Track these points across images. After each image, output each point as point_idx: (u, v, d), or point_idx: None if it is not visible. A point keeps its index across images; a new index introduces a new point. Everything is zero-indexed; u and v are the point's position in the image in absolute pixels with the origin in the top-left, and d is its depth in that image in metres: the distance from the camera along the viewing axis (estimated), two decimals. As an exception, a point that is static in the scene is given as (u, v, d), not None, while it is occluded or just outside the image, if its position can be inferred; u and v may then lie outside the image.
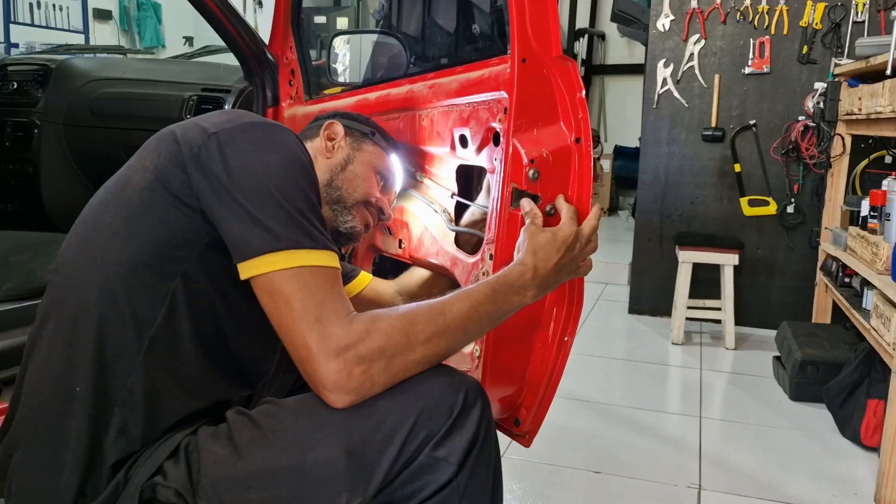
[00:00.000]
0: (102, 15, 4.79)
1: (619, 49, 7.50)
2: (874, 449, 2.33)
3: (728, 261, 3.37)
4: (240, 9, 5.52)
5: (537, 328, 1.26)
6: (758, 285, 3.69)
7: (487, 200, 1.44)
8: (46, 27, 4.36)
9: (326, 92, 2.01)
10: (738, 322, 3.45)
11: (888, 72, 2.05)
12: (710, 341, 3.53)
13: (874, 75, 2.67)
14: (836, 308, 3.10)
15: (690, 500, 2.02)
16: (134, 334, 0.96)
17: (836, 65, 3.02)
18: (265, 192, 0.95)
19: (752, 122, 3.60)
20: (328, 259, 0.96)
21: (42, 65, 2.24)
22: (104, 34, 4.80)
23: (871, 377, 2.41)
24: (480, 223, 1.42)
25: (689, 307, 3.44)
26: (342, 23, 5.57)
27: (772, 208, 3.60)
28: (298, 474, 0.92)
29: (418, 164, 1.49)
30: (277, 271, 0.92)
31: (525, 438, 1.29)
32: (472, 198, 1.46)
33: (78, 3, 4.53)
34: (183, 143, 0.98)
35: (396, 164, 1.37)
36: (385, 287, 1.55)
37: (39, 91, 2.18)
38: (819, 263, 3.17)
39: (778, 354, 3.02)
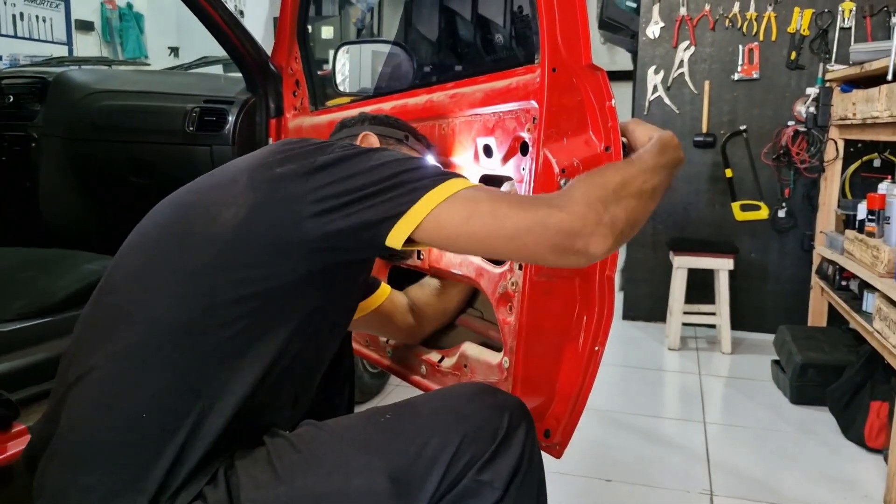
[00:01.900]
0: (85, 26, 4.73)
1: (601, 56, 7.54)
2: (879, 451, 2.34)
3: (723, 265, 3.39)
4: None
5: (567, 338, 1.25)
6: (751, 289, 3.71)
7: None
8: (30, 39, 4.30)
9: (331, 102, 1.99)
10: (732, 326, 3.47)
11: (889, 77, 2.07)
12: (707, 346, 3.54)
13: (866, 80, 2.71)
14: (832, 311, 3.13)
15: (703, 506, 2.03)
16: (214, 365, 0.94)
17: (828, 70, 3.06)
18: (389, 166, 0.97)
19: (742, 127, 3.63)
20: (465, 181, 0.97)
21: (38, 78, 2.20)
22: (87, 45, 4.73)
23: (873, 379, 2.43)
24: None
25: (684, 312, 3.46)
26: (327, 32, 5.55)
27: (763, 213, 3.62)
28: (342, 501, 0.90)
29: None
30: (450, 197, 0.93)
31: (556, 450, 1.28)
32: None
33: (61, 15, 4.47)
34: (288, 179, 0.97)
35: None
36: (400, 299, 1.53)
37: (37, 104, 2.15)
38: (814, 267, 3.19)
39: (776, 358, 3.03)
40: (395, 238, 0.94)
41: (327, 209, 0.95)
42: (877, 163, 3.43)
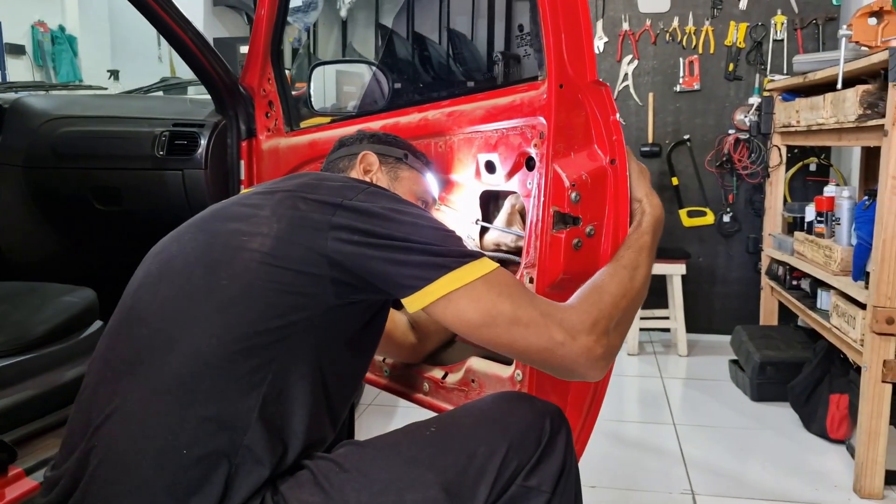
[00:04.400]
0: (15, 50, 4.56)
1: (534, 70, 7.69)
2: (841, 441, 2.45)
3: (676, 270, 3.50)
4: (154, 41, 5.31)
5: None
6: (701, 293, 3.84)
7: (505, 224, 1.46)
8: (-41, 64, 4.12)
9: (307, 123, 1.98)
10: (686, 329, 3.58)
11: (839, 86, 2.19)
12: (663, 350, 3.64)
13: (807, 89, 2.85)
14: (782, 309, 3.26)
15: (687, 505, 2.08)
16: (254, 397, 0.92)
17: (770, 80, 3.20)
18: (416, 228, 0.98)
19: (686, 136, 3.77)
20: (490, 263, 0.99)
21: (-9, 106, 2.11)
22: (18, 69, 4.56)
23: (831, 373, 2.55)
24: (503, 246, 1.44)
25: (640, 318, 3.55)
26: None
27: (709, 218, 3.76)
28: None
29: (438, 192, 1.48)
30: (468, 284, 0.94)
31: (570, 460, 1.29)
32: (488, 222, 1.47)
33: (-9, 39, 4.31)
34: (312, 210, 0.99)
35: (432, 183, 1.37)
36: (400, 317, 1.53)
37: (-9, 133, 2.06)
38: (763, 269, 3.32)
39: (734, 358, 3.14)
40: (411, 304, 0.97)
41: (350, 241, 0.96)
42: (813, 167, 3.62)
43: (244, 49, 5.04)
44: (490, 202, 1.50)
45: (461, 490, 0.92)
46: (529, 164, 1.24)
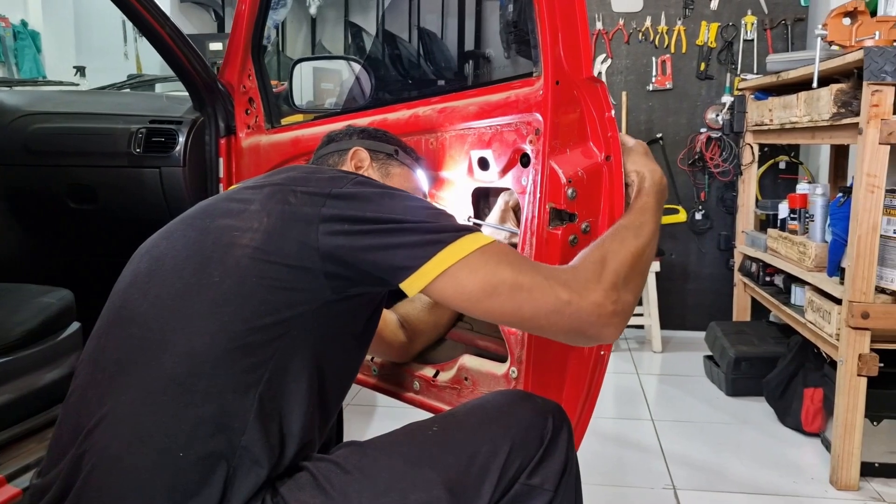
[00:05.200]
0: (-25, 45, 4.44)
1: (505, 69, 7.71)
2: (816, 435, 2.50)
3: (651, 268, 3.53)
4: (120, 37, 5.24)
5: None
6: (674, 289, 3.88)
7: (499, 221, 1.45)
8: (-83, 60, 3.99)
9: (288, 120, 1.95)
10: (660, 326, 3.61)
11: (815, 84, 2.23)
12: (638, 346, 3.67)
13: (779, 88, 2.89)
14: (754, 305, 3.31)
15: (669, 501, 2.09)
16: (251, 396, 0.90)
17: (742, 80, 3.25)
18: (405, 209, 0.96)
19: (658, 135, 3.81)
20: (485, 235, 0.97)
21: (-40, 101, 2.05)
22: (-23, 66, 4.44)
23: (805, 368, 2.58)
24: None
25: (616, 315, 3.57)
26: (215, 45, 5.40)
27: (682, 216, 3.80)
28: None
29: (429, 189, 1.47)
30: (465, 257, 0.92)
31: (564, 457, 1.29)
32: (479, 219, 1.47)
33: (-50, 34, 4.18)
34: (302, 204, 0.96)
35: (423, 179, 1.36)
36: (390, 316, 1.52)
37: (-40, 130, 1.99)
38: (736, 265, 3.37)
39: (708, 354, 3.18)
40: (410, 288, 0.95)
41: (341, 232, 0.94)
42: (782, 165, 3.69)
43: (213, 45, 4.97)
44: (481, 199, 1.50)
45: (465, 490, 0.91)
46: (524, 160, 1.24)
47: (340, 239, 0.94)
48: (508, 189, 1.35)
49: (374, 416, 2.65)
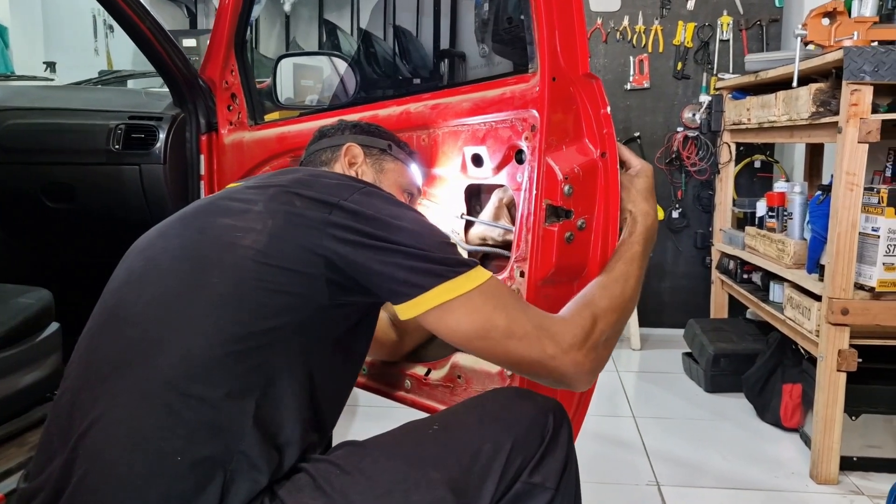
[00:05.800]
0: (-60, 40, 4.32)
1: (480, 69, 7.72)
2: (795, 430, 2.53)
3: (629, 266, 3.54)
4: (90, 33, 5.16)
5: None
6: (651, 287, 3.90)
7: (492, 218, 1.44)
8: None
9: (271, 116, 1.92)
10: (638, 323, 3.64)
11: (794, 84, 2.25)
12: (616, 344, 3.68)
13: (756, 88, 2.93)
14: (731, 303, 3.34)
15: (654, 497, 2.10)
16: (249, 400, 0.89)
17: (719, 79, 3.28)
18: (412, 234, 0.96)
19: (636, 134, 3.82)
20: (485, 272, 0.98)
21: (-69, 98, 1.99)
22: (-57, 61, 4.32)
23: (784, 364, 2.62)
24: (490, 240, 1.43)
25: (595, 313, 3.58)
26: (189, 42, 5.33)
27: (659, 214, 3.81)
28: None
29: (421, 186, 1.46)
30: (463, 295, 0.94)
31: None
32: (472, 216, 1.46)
33: (-85, 28, 4.06)
34: (307, 208, 0.96)
35: (417, 174, 1.35)
36: (381, 315, 1.50)
37: (-68, 127, 1.93)
38: (714, 263, 3.40)
39: (687, 351, 3.21)
40: (403, 312, 0.96)
41: (346, 241, 0.94)
42: (757, 163, 3.73)
43: (186, 42, 4.90)
44: (473, 196, 1.49)
45: (467, 488, 0.90)
46: (519, 157, 1.23)
47: (345, 247, 0.94)
48: (503, 186, 1.34)
49: (356, 416, 2.63)
